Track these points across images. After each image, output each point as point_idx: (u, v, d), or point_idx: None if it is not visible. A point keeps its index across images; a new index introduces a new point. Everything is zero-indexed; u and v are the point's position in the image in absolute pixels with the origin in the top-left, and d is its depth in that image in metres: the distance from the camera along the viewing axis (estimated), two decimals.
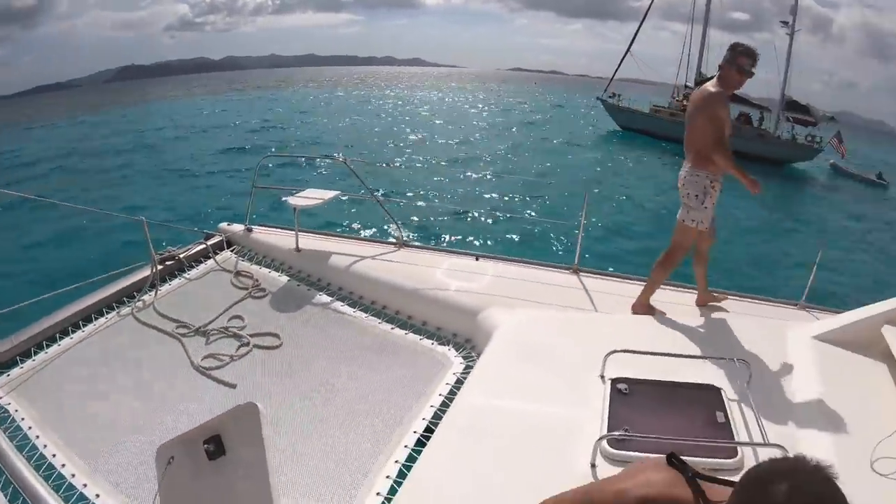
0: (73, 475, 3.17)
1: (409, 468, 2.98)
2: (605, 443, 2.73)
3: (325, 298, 5.07)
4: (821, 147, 33.63)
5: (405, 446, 3.34)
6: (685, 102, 38.01)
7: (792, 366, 3.52)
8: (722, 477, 1.39)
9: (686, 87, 39.23)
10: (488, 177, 23.06)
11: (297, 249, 5.55)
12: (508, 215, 16.04)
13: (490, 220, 16.00)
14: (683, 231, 4.28)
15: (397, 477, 3.09)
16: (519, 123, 44.68)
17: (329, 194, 5.78)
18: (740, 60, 3.93)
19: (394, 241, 5.78)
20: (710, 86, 4.07)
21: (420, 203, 16.37)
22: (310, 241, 5.69)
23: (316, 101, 60.05)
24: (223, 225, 6.11)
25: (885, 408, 3.05)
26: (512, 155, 29.42)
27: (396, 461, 3.23)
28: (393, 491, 2.94)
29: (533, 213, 16.77)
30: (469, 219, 16.14)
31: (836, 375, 3.36)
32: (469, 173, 23.70)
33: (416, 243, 7.02)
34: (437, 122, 43.88)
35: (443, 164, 25.97)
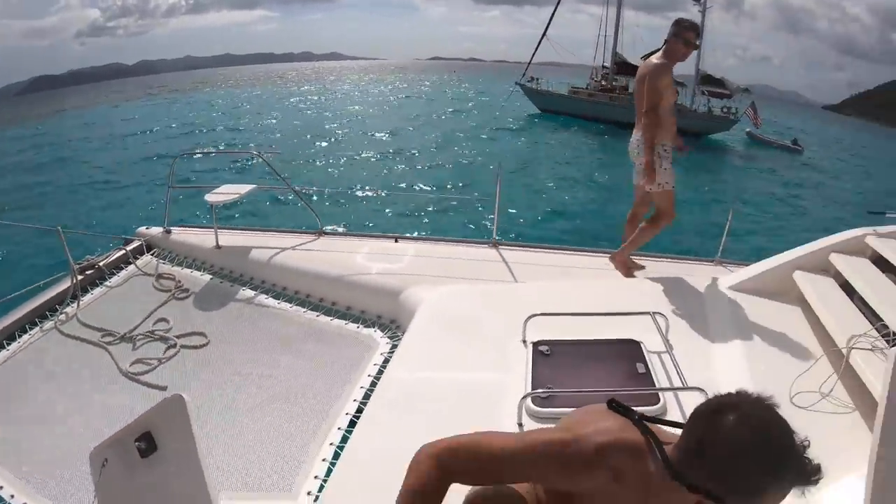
0: (13, 496, 3.06)
1: (343, 449, 2.99)
2: (529, 401, 2.79)
3: (248, 293, 5.02)
4: (737, 118, 35.08)
5: (339, 428, 3.36)
6: (603, 83, 39.07)
7: (708, 315, 3.67)
8: None
9: (603, 67, 40.21)
10: (417, 166, 23.10)
11: (218, 247, 5.46)
12: (432, 207, 16.12)
13: (410, 208, 16.06)
14: (659, 196, 4.45)
15: (332, 459, 3.10)
16: (444, 112, 44.82)
17: (245, 188, 5.69)
18: (686, 34, 4.15)
19: (313, 230, 5.75)
20: (655, 58, 4.26)
21: (342, 201, 16.23)
22: (229, 238, 5.60)
23: (236, 102, 58.49)
24: (141, 229, 5.92)
25: (800, 347, 3.21)
26: (439, 144, 29.47)
27: (331, 444, 3.24)
28: (329, 472, 2.95)
29: (456, 202, 16.88)
30: (391, 211, 16.17)
31: (752, 321, 3.52)
32: (398, 165, 23.67)
33: (336, 230, 7.00)
34: (362, 115, 43.58)
35: (369, 156, 25.90)
